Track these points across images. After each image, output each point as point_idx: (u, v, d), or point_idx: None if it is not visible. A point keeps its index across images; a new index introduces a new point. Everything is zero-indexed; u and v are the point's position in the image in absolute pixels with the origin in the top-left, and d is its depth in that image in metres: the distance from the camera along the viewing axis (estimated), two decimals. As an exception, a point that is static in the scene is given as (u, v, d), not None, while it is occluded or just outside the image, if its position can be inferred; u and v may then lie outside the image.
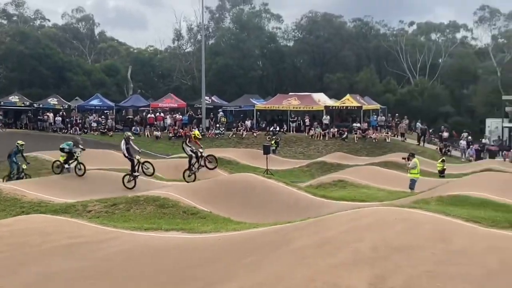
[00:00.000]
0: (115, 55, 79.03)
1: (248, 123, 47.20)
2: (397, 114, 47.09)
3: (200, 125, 46.82)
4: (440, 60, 72.84)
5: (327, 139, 43.62)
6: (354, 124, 44.39)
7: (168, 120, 47.96)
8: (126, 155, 19.61)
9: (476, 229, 8.04)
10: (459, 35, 75.62)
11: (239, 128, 46.47)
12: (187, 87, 71.08)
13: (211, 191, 16.78)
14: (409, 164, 21.13)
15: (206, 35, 69.43)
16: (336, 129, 44.15)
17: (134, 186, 19.10)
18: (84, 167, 20.35)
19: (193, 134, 21.04)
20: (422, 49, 71.40)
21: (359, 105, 46.13)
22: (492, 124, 49.21)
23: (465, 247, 6.98)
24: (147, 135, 45.61)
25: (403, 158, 22.77)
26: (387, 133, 43.32)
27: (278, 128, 45.66)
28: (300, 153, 42.13)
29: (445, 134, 43.42)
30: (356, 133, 43.22)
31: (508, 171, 16.31)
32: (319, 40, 72.91)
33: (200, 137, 21.71)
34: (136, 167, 19.46)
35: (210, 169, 20.48)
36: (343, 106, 46.94)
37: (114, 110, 50.33)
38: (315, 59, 74.99)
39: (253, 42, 72.34)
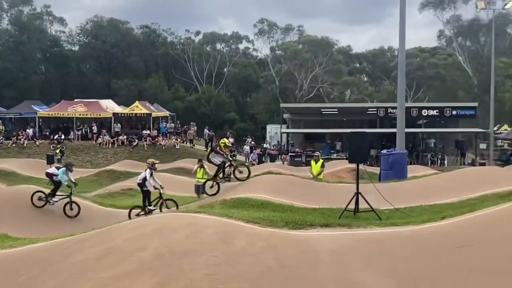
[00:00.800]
0: None
1: (29, 131, 44.14)
2: (192, 123, 47.98)
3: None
4: (225, 69, 76.38)
5: (116, 146, 42.79)
6: (144, 131, 44.26)
7: None
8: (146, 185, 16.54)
9: (256, 230, 8.51)
10: (241, 46, 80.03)
11: (19, 137, 43.16)
12: (-42, 93, 64.09)
13: (-15, 207, 15.26)
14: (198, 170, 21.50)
15: (-20, 36, 63.36)
16: (125, 137, 43.50)
17: None
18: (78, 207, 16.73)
19: (222, 143, 17.38)
20: (208, 58, 74.14)
21: (148, 112, 46.14)
22: (272, 130, 52.81)
23: (245, 248, 7.34)
24: None
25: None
26: (177, 140, 43.97)
27: (63, 136, 43.47)
28: (87, 162, 40.70)
29: (231, 140, 45.40)
30: (146, 140, 43.11)
31: (285, 173, 17.65)
32: (106, 45, 71.35)
33: (230, 145, 18.14)
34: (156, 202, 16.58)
35: (239, 180, 16.98)
36: (132, 113, 46.51)
37: None
38: (102, 65, 73.16)
39: (35, 45, 68.02)
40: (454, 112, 42.96)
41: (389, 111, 42.15)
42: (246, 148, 43.70)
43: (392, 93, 63.86)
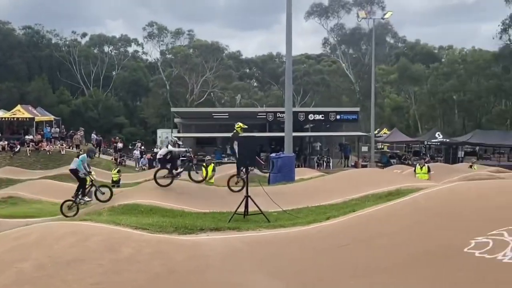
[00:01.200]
0: None
1: None
2: (81, 128, 46.09)
3: None
4: (114, 73, 74.53)
5: (-4, 153, 40.30)
6: (27, 137, 42.13)
7: None
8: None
9: (144, 236, 8.38)
10: (131, 49, 78.40)
11: None
12: None
13: None
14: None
15: None
16: (6, 142, 41.08)
17: (170, 183, 15.05)
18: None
19: (238, 127, 15.51)
20: (95, 61, 71.99)
21: (31, 116, 43.95)
22: (163, 135, 52.31)
23: (133, 255, 7.21)
24: None
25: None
26: (62, 145, 42.17)
27: None
28: (-37, 170, 37.94)
29: (120, 145, 44.36)
30: (29, 146, 40.97)
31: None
32: (-16, 46, 67.14)
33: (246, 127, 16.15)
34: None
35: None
36: (13, 118, 44.04)
37: None
38: (-20, 66, 68.71)
39: None
40: (338, 117, 44.79)
41: (277, 115, 43.05)
42: (136, 153, 42.84)
43: (281, 98, 65.43)
